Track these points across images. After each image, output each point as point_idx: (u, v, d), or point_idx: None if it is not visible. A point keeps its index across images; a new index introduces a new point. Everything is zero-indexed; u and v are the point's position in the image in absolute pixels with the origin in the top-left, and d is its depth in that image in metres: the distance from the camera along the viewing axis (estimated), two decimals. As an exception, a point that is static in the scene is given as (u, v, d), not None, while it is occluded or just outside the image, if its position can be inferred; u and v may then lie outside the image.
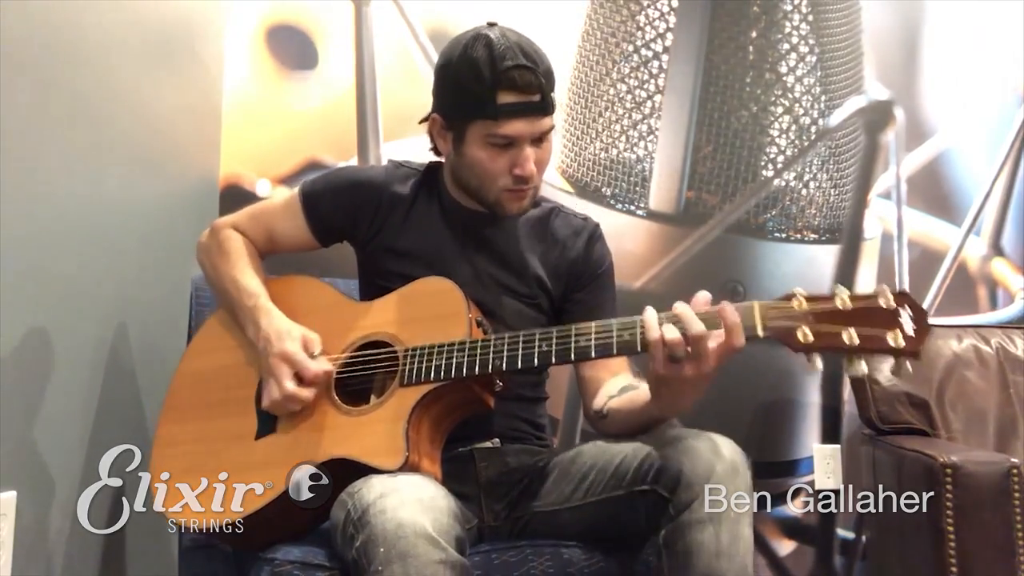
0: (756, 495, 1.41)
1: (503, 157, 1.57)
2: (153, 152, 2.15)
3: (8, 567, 1.63)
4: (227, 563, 1.63)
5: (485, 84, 1.53)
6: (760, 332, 1.31)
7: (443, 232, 1.68)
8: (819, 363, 1.30)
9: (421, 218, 1.69)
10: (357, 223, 1.70)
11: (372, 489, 1.33)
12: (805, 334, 1.29)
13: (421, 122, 1.66)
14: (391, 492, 1.31)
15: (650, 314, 1.36)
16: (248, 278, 1.66)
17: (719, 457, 1.37)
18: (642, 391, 1.48)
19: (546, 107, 1.57)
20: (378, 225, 1.69)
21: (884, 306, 1.29)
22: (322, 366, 1.53)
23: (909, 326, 1.28)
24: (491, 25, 1.60)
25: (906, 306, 1.29)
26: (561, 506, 1.53)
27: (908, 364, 1.28)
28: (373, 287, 1.68)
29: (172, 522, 1.55)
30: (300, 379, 1.52)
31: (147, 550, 2.12)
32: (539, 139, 1.58)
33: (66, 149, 1.81)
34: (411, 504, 1.29)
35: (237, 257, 1.69)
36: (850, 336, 1.27)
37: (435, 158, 1.72)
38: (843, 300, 1.30)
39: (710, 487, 1.34)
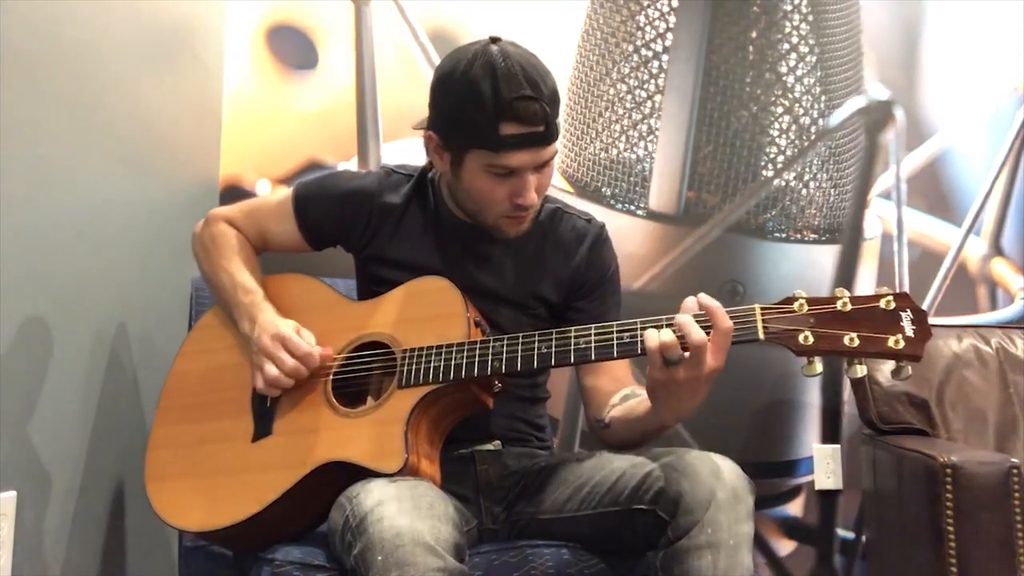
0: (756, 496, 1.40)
1: (503, 186, 1.52)
2: (153, 152, 2.14)
3: (8, 567, 1.63)
4: (227, 563, 1.63)
5: (487, 114, 1.46)
6: (761, 335, 1.31)
7: (436, 242, 1.66)
8: (819, 366, 1.30)
9: (413, 228, 1.67)
10: (348, 232, 1.69)
11: (370, 495, 1.32)
12: (806, 337, 1.29)
13: (415, 127, 1.62)
14: (389, 499, 1.31)
15: (649, 331, 1.35)
16: (243, 275, 1.64)
17: (720, 482, 1.34)
18: (643, 399, 1.47)
19: (550, 136, 1.50)
20: (369, 235, 1.67)
21: (884, 308, 1.29)
22: (314, 348, 1.52)
23: (910, 328, 1.28)
24: (494, 41, 1.51)
25: (907, 308, 1.29)
26: (556, 515, 1.53)
27: (909, 367, 1.28)
28: (368, 292, 1.67)
29: (170, 525, 1.55)
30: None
31: (147, 550, 2.12)
32: (541, 166, 1.53)
33: (66, 149, 1.81)
34: (409, 512, 1.29)
35: (232, 252, 1.68)
36: (851, 339, 1.28)
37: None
38: (844, 302, 1.30)
39: (709, 514, 1.32)
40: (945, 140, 2.65)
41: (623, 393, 1.58)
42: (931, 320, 1.34)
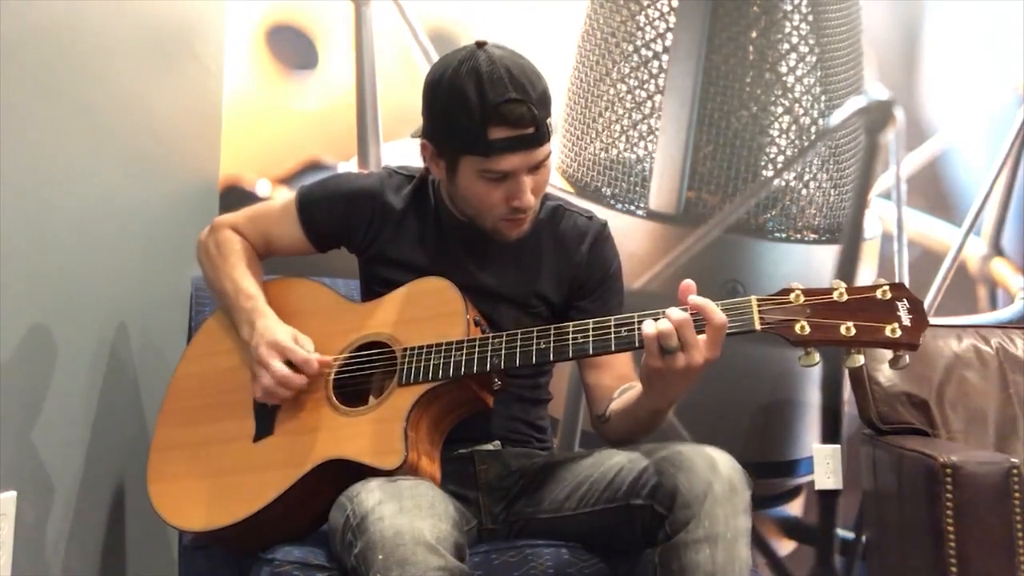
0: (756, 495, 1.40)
1: (499, 189, 1.52)
2: (153, 152, 2.15)
3: (8, 567, 1.63)
4: (227, 563, 1.63)
5: (475, 120, 1.46)
6: (758, 326, 1.31)
7: (437, 242, 1.66)
8: (816, 356, 1.30)
9: (414, 228, 1.67)
10: (352, 232, 1.69)
11: (371, 494, 1.33)
12: (803, 327, 1.29)
13: (412, 136, 1.62)
14: (390, 498, 1.31)
15: (647, 322, 1.35)
16: (245, 280, 1.65)
17: (716, 475, 1.34)
18: (637, 387, 1.48)
19: (541, 138, 1.50)
20: (372, 235, 1.68)
21: (881, 298, 1.29)
22: (311, 355, 1.52)
23: (906, 317, 1.28)
24: (480, 46, 1.50)
25: (903, 298, 1.29)
26: (555, 514, 1.53)
27: (907, 356, 1.28)
28: (372, 292, 1.68)
29: (171, 525, 1.55)
30: (291, 366, 1.52)
31: (147, 550, 2.12)
32: (535, 167, 1.53)
33: (66, 149, 1.81)
34: (410, 511, 1.29)
35: (235, 258, 1.69)
36: (847, 328, 1.28)
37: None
38: (840, 293, 1.30)
39: (706, 507, 1.32)
40: (945, 140, 2.65)
41: (623, 387, 1.59)
42: (931, 320, 1.34)
